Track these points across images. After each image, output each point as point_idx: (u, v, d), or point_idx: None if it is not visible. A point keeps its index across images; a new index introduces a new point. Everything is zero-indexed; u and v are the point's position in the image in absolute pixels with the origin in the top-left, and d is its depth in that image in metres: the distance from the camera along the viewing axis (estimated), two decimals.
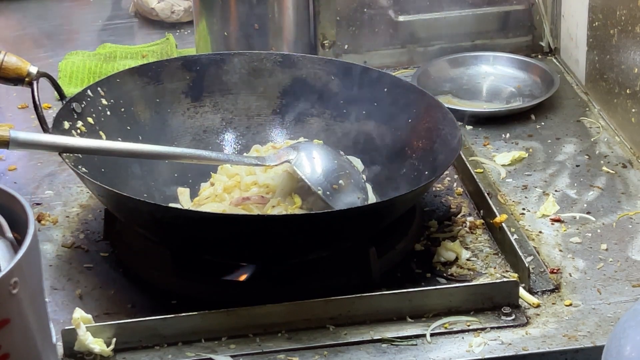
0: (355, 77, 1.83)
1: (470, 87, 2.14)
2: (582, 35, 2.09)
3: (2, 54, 1.68)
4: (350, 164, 1.73)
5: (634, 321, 1.18)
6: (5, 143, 1.52)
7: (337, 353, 1.44)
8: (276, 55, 1.88)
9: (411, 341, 1.46)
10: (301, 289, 1.54)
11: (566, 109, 2.06)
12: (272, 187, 1.65)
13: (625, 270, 1.60)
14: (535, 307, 1.52)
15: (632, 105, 1.89)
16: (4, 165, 1.90)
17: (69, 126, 1.66)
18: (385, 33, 2.22)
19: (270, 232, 1.49)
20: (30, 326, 1.14)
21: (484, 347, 1.44)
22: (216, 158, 1.67)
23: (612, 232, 1.69)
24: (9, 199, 1.20)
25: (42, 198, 1.81)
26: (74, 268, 1.63)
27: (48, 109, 1.97)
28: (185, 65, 1.85)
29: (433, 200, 1.78)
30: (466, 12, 2.23)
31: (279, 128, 1.86)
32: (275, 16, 2.11)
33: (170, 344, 1.45)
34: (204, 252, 1.58)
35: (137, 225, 1.61)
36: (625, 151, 1.91)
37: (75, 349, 1.42)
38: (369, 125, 1.81)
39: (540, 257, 1.62)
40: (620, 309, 1.51)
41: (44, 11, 2.54)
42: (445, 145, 1.67)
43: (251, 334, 1.46)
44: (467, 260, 1.63)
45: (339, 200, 1.61)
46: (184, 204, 1.71)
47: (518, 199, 1.78)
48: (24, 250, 1.12)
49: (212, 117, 1.85)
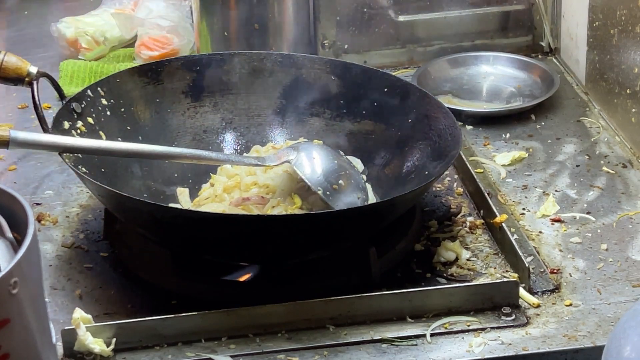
0: (355, 77, 1.83)
1: (470, 87, 2.14)
2: (582, 35, 2.09)
3: (2, 54, 1.68)
4: (350, 164, 1.73)
5: (634, 321, 1.18)
6: (5, 143, 1.52)
7: (337, 353, 1.44)
8: (276, 55, 1.88)
9: (411, 341, 1.46)
10: (301, 289, 1.54)
11: (566, 109, 2.06)
12: (272, 187, 1.65)
13: (626, 271, 1.60)
14: (535, 307, 1.52)
15: (632, 105, 1.89)
16: (4, 165, 1.90)
17: (69, 126, 1.66)
18: (385, 33, 2.22)
19: (270, 232, 1.49)
20: (30, 326, 1.14)
21: (484, 347, 1.44)
22: (216, 158, 1.67)
23: (612, 232, 1.69)
24: (9, 199, 1.20)
25: (42, 198, 1.81)
26: (74, 268, 1.63)
27: (48, 109, 1.97)
28: (185, 65, 1.85)
29: (433, 200, 1.78)
30: (466, 12, 2.23)
31: (279, 128, 1.86)
32: (275, 16, 2.11)
33: (170, 344, 1.45)
34: (204, 252, 1.58)
35: (137, 225, 1.61)
36: (626, 151, 1.91)
37: (75, 349, 1.42)
38: (369, 125, 1.81)
39: (540, 257, 1.62)
40: (620, 309, 1.51)
41: (44, 11, 2.54)
42: (445, 146, 1.67)
43: (251, 334, 1.46)
44: (467, 260, 1.63)
45: (339, 200, 1.61)
46: (184, 204, 1.71)
47: (518, 199, 1.78)
48: (24, 250, 1.12)
49: (212, 117, 1.85)
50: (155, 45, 2.24)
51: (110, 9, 2.39)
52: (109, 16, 2.34)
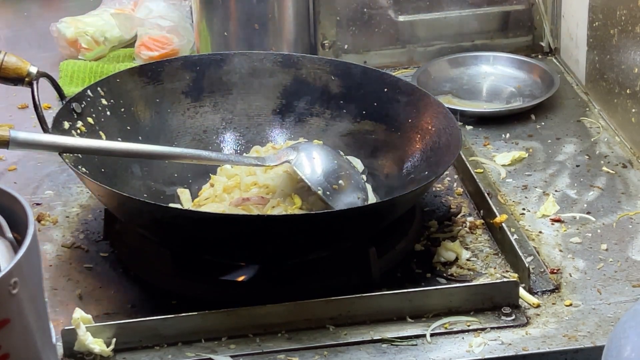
0: (355, 77, 1.83)
1: (470, 87, 2.14)
2: (582, 35, 2.09)
3: (2, 54, 1.68)
4: (350, 164, 1.73)
5: (634, 321, 1.18)
6: (5, 143, 1.52)
7: (337, 353, 1.44)
8: (276, 55, 1.88)
9: (411, 341, 1.46)
10: (301, 289, 1.54)
11: (566, 109, 2.06)
12: (272, 187, 1.65)
13: (625, 271, 1.60)
14: (535, 307, 1.52)
15: (632, 105, 1.89)
16: (4, 165, 1.90)
17: (69, 126, 1.66)
18: (385, 33, 2.22)
19: (270, 232, 1.49)
20: (30, 326, 1.14)
21: (484, 347, 1.44)
22: (216, 158, 1.67)
23: (612, 232, 1.69)
24: (9, 199, 1.20)
25: (42, 198, 1.81)
26: (74, 268, 1.63)
27: (48, 109, 1.97)
28: (185, 65, 1.85)
29: (433, 200, 1.78)
30: (466, 12, 2.23)
31: (279, 128, 1.86)
32: (275, 16, 2.11)
33: (170, 344, 1.45)
34: (204, 252, 1.58)
35: (137, 225, 1.61)
36: (626, 151, 1.91)
37: (75, 349, 1.42)
38: (369, 125, 1.81)
39: (540, 257, 1.62)
40: (620, 309, 1.51)
41: (44, 11, 2.54)
42: (445, 145, 1.67)
43: (251, 334, 1.46)
44: (467, 260, 1.63)
45: (339, 200, 1.61)
46: (184, 205, 1.71)
47: (518, 199, 1.78)
48: (24, 250, 1.12)
49: (212, 117, 1.85)
50: (155, 46, 2.24)
51: (110, 9, 2.39)
52: (108, 16, 2.34)
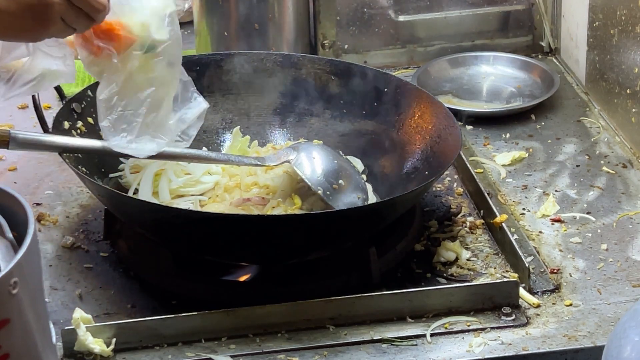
0: (355, 77, 1.83)
1: (470, 87, 2.14)
2: (582, 35, 2.09)
3: None
4: (350, 164, 1.73)
5: (634, 321, 1.18)
6: (5, 143, 1.52)
7: (337, 353, 1.44)
8: (276, 55, 1.88)
9: (411, 341, 1.46)
10: (301, 289, 1.54)
11: (566, 109, 2.06)
12: (272, 187, 1.65)
13: (626, 270, 1.60)
14: (536, 307, 1.52)
15: (632, 105, 1.89)
16: (4, 165, 1.90)
17: (69, 126, 1.66)
18: (385, 33, 2.22)
19: (271, 233, 1.49)
20: (30, 326, 1.14)
21: (484, 347, 1.44)
22: (216, 158, 1.67)
23: (612, 232, 1.69)
24: (9, 199, 1.20)
25: (42, 198, 1.80)
26: (74, 268, 1.63)
27: (48, 109, 1.97)
28: (185, 65, 1.84)
29: (433, 200, 1.78)
30: (466, 12, 2.23)
31: (279, 128, 1.86)
32: (275, 16, 2.11)
33: (170, 344, 1.45)
34: (204, 252, 1.58)
35: (137, 225, 1.61)
36: (626, 151, 1.91)
37: (75, 349, 1.42)
38: (369, 125, 1.81)
39: (540, 257, 1.62)
40: (620, 309, 1.51)
41: None
42: (445, 145, 1.67)
43: (251, 334, 1.46)
44: (467, 260, 1.63)
45: (339, 200, 1.61)
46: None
47: (518, 199, 1.78)
48: (24, 250, 1.12)
49: (212, 117, 1.85)
50: None
51: None
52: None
